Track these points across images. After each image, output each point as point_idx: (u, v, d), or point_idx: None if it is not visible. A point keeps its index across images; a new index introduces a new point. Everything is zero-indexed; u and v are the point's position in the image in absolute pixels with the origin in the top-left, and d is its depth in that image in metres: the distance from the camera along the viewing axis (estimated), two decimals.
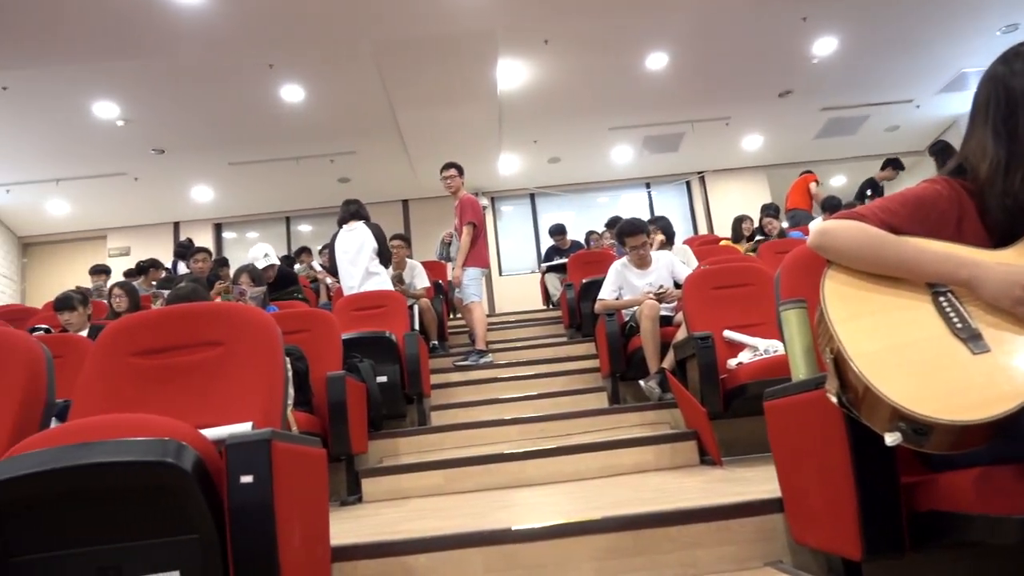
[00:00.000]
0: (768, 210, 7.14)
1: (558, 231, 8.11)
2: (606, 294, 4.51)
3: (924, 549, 1.34)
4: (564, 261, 7.29)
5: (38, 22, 5.81)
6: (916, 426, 1.09)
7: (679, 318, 4.02)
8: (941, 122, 10.20)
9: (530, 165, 10.37)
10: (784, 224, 7.15)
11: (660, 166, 10.87)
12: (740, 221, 7.22)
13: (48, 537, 1.27)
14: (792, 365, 1.67)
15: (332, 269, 5.68)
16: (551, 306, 7.91)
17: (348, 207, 5.36)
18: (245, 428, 1.44)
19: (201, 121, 7.95)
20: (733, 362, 3.21)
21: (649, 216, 10.40)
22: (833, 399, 1.23)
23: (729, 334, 3.38)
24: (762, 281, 3.64)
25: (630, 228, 4.47)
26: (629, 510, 1.96)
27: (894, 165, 7.76)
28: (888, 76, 8.58)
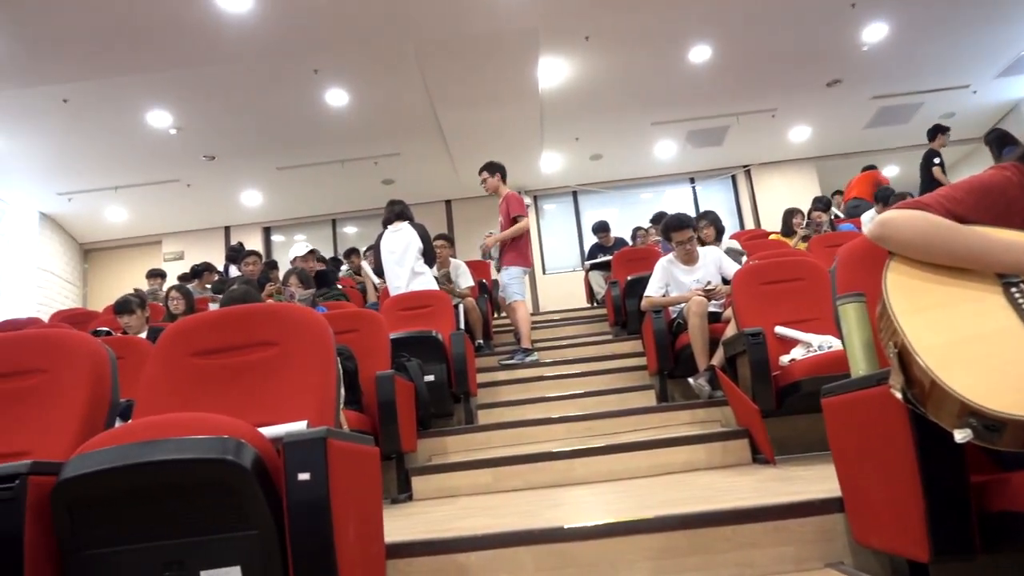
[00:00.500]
0: (819, 203, 6.95)
1: (601, 228, 8.07)
2: (653, 291, 4.45)
3: (996, 551, 1.28)
4: (608, 258, 7.24)
5: (95, 37, 6.04)
6: (987, 422, 1.05)
7: (727, 314, 3.95)
8: (1000, 107, 9.80)
9: (572, 163, 10.33)
10: (838, 213, 6.92)
11: (704, 160, 10.71)
12: (791, 215, 6.99)
13: (116, 532, 1.31)
14: (851, 360, 1.63)
15: (378, 270, 5.73)
16: (595, 304, 7.86)
17: (393, 208, 5.41)
18: (300, 427, 1.47)
19: (249, 127, 8.15)
20: (786, 358, 3.14)
21: (694, 211, 10.25)
22: (898, 395, 1.19)
23: (781, 330, 3.31)
24: (814, 276, 3.55)
25: (676, 223, 4.40)
26: (682, 509, 1.93)
27: (940, 130, 7.49)
28: (942, 61, 8.26)
